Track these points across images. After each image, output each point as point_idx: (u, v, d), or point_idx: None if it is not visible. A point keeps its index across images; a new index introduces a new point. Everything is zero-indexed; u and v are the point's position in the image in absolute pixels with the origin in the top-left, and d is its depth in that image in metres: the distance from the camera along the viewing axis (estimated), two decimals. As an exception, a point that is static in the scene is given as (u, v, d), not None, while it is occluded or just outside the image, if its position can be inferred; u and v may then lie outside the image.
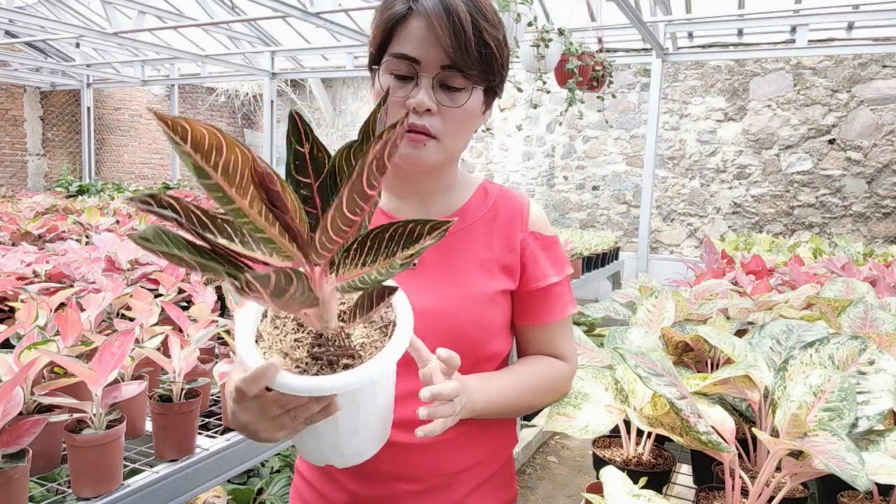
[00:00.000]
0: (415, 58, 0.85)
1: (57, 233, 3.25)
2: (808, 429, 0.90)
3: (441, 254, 0.94)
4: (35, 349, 1.19)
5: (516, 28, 3.22)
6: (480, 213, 0.99)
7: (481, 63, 0.86)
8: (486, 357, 0.95)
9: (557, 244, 1.03)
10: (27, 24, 5.98)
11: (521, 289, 0.98)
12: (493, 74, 0.89)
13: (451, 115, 0.88)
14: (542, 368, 1.00)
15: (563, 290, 1.01)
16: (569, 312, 1.02)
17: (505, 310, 0.97)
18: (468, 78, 0.86)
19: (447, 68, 0.85)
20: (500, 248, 0.97)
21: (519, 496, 3.05)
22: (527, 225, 1.00)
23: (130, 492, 1.18)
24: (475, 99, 0.89)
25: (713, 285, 2.01)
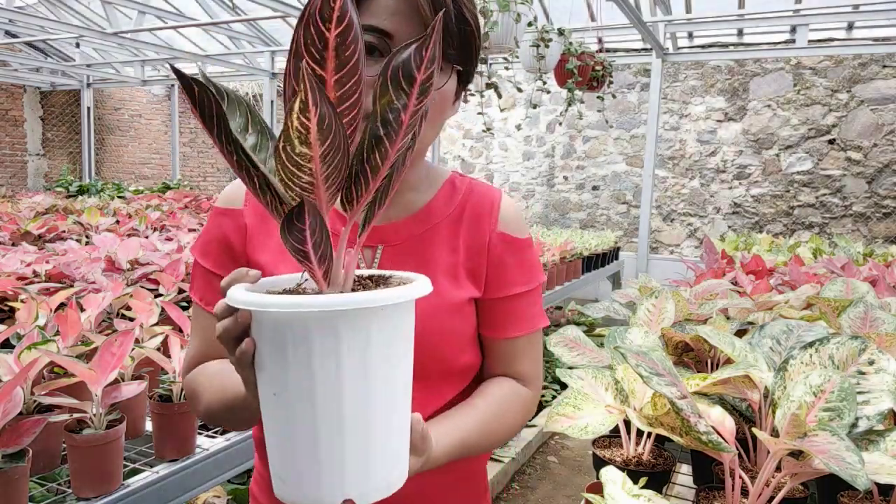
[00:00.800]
0: (387, 31, 0.73)
1: (57, 233, 3.25)
2: (808, 429, 0.90)
3: (403, 259, 0.84)
4: (35, 349, 1.19)
5: (516, 28, 3.21)
6: (446, 212, 0.88)
7: (461, 42, 0.76)
8: (457, 370, 0.86)
9: (529, 249, 0.91)
10: (27, 24, 5.99)
11: (484, 296, 0.87)
12: (470, 57, 0.79)
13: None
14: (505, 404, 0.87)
15: (530, 302, 0.90)
16: (535, 327, 0.90)
17: (472, 320, 0.87)
18: (446, 57, 0.76)
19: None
20: (466, 252, 0.87)
21: (519, 496, 3.06)
22: (495, 224, 0.88)
23: (130, 492, 1.18)
24: (451, 83, 0.79)
25: (713, 285, 2.01)
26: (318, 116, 0.44)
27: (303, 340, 0.51)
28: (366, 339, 0.52)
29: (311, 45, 0.47)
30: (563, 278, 4.07)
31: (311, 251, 0.51)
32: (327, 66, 0.48)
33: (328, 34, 0.46)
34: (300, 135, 0.45)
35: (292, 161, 0.47)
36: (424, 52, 0.48)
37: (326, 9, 0.46)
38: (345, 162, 0.50)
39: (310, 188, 0.50)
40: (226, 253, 0.85)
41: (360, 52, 0.48)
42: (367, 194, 0.54)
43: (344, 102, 0.50)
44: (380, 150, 0.51)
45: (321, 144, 0.47)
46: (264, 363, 0.55)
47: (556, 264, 3.86)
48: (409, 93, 0.49)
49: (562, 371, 1.22)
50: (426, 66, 0.49)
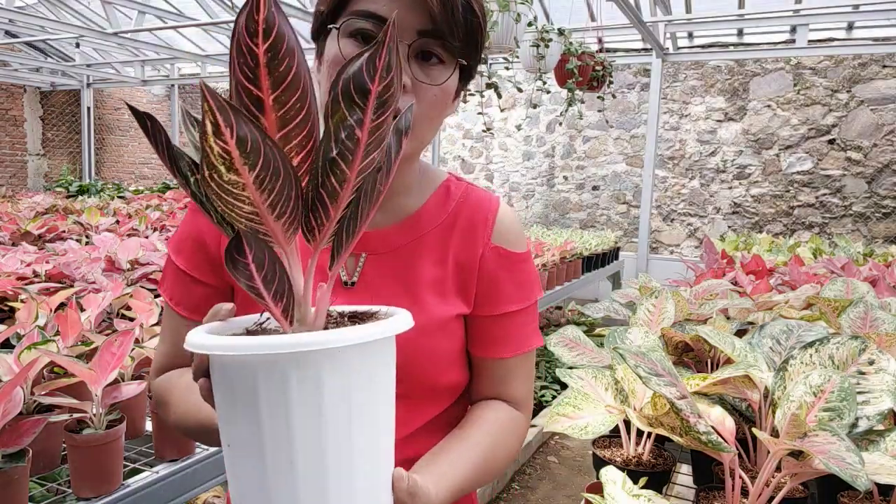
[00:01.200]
0: (386, 18, 0.67)
1: (57, 233, 3.25)
2: (808, 429, 0.90)
3: (385, 271, 0.78)
4: (35, 349, 1.19)
5: (516, 28, 3.22)
6: (437, 221, 0.82)
7: (467, 33, 0.71)
8: (441, 388, 0.80)
9: (525, 263, 0.85)
10: (27, 24, 5.98)
11: (475, 312, 0.81)
12: (474, 51, 0.74)
13: (426, 94, 0.71)
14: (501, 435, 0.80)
15: (524, 321, 0.83)
16: (529, 347, 0.84)
17: (459, 338, 0.81)
18: (450, 50, 0.71)
19: (426, 34, 0.69)
20: (455, 265, 0.80)
21: (519, 496, 3.06)
22: (489, 237, 0.82)
23: (130, 492, 1.18)
24: (454, 78, 0.74)
25: (713, 285, 2.01)
26: (236, 138, 0.40)
27: (249, 387, 0.46)
28: (317, 387, 0.46)
29: (243, 64, 0.42)
30: (563, 278, 4.07)
31: (263, 287, 0.46)
32: (262, 85, 0.43)
33: (257, 50, 0.42)
34: (223, 160, 0.41)
35: (224, 189, 0.43)
36: (378, 61, 0.44)
37: (251, 23, 0.41)
38: (293, 188, 0.45)
39: (256, 218, 0.45)
40: (199, 251, 0.81)
41: (297, 65, 0.43)
42: (328, 223, 0.49)
43: (289, 124, 0.45)
44: (335, 174, 0.46)
45: (251, 170, 0.42)
46: (218, 409, 0.51)
47: (556, 264, 3.86)
48: (363, 107, 0.44)
49: (562, 371, 1.22)
50: (381, 76, 0.44)
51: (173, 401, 0.78)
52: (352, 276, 0.78)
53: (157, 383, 0.83)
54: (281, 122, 0.45)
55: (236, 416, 0.48)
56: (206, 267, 0.81)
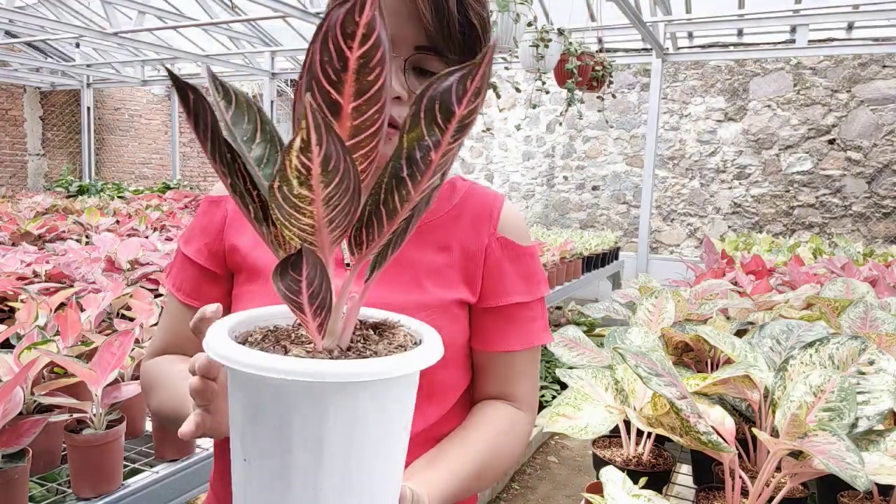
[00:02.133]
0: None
1: (57, 233, 3.25)
2: (808, 429, 0.90)
3: None
4: (35, 349, 1.19)
5: (516, 28, 3.22)
6: (442, 211, 0.83)
7: (463, 46, 0.73)
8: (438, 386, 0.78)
9: (533, 257, 0.85)
10: (27, 24, 5.99)
11: (479, 304, 0.81)
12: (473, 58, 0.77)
13: None
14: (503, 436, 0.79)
15: (531, 315, 0.83)
16: (536, 343, 0.83)
17: (463, 329, 0.81)
18: (446, 63, 0.72)
19: (423, 49, 0.71)
20: (461, 253, 0.81)
21: (519, 496, 3.06)
22: (495, 228, 0.82)
23: (130, 492, 1.18)
24: None
25: (713, 285, 2.01)
26: (322, 157, 0.38)
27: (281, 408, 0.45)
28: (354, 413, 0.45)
29: (327, 64, 0.40)
30: (563, 278, 4.07)
31: (307, 303, 0.45)
32: (345, 91, 0.41)
33: (349, 54, 0.39)
34: (300, 175, 0.39)
35: (290, 203, 0.41)
36: (470, 83, 0.40)
37: (350, 23, 0.39)
38: (355, 204, 0.43)
39: (310, 230, 0.44)
40: (205, 237, 0.84)
41: (385, 76, 0.41)
42: (379, 239, 0.47)
43: (361, 133, 0.43)
44: (400, 193, 0.44)
45: (325, 187, 0.40)
46: (233, 421, 0.49)
47: (556, 264, 3.86)
48: (444, 129, 0.42)
49: (562, 371, 1.22)
50: (469, 100, 0.41)
51: (161, 385, 0.78)
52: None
53: (148, 365, 0.84)
54: (354, 132, 0.43)
55: (259, 433, 0.46)
56: (207, 253, 0.84)
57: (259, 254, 0.81)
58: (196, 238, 0.85)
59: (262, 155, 0.47)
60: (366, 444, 0.46)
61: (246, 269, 0.81)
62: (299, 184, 0.40)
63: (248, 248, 0.81)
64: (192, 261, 0.84)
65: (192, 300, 0.83)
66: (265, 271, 0.79)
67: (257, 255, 0.80)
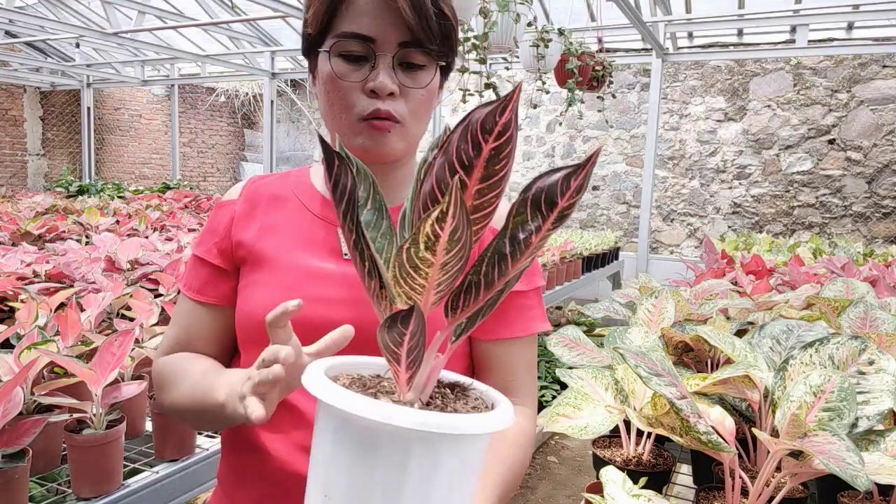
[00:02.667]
0: (370, 36, 0.76)
1: (57, 233, 3.25)
2: (808, 429, 0.90)
3: None
4: (35, 349, 1.19)
5: (516, 28, 3.21)
6: None
7: (442, 37, 0.79)
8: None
9: None
10: (27, 24, 5.98)
11: None
12: (451, 49, 0.82)
13: (413, 96, 0.80)
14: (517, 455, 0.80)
15: (529, 304, 0.86)
16: (535, 330, 0.86)
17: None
18: (429, 54, 0.79)
19: (406, 45, 0.77)
20: None
21: (519, 496, 3.06)
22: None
23: (130, 492, 1.18)
24: (436, 77, 0.82)
25: (713, 285, 2.01)
26: (452, 227, 0.45)
27: (372, 450, 0.48)
28: (435, 463, 0.48)
29: (462, 150, 0.47)
30: (563, 278, 4.07)
31: (405, 356, 0.50)
32: (473, 175, 0.48)
33: (484, 145, 0.47)
34: (428, 240, 0.46)
35: (412, 263, 0.48)
36: (573, 181, 0.46)
37: (490, 121, 0.46)
38: (461, 272, 0.50)
39: (419, 290, 0.50)
40: (213, 238, 0.89)
41: (508, 166, 0.48)
42: (474, 305, 0.52)
43: (477, 213, 0.50)
44: (500, 267, 0.49)
45: (445, 254, 0.47)
46: (318, 458, 0.52)
47: (555, 264, 3.86)
48: (546, 217, 0.48)
49: (562, 371, 1.22)
50: (571, 195, 0.47)
51: (179, 381, 0.81)
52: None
53: (163, 362, 0.87)
54: (472, 210, 0.49)
55: (344, 469, 0.50)
56: (215, 251, 0.88)
57: (263, 244, 0.85)
58: (206, 239, 0.90)
59: (371, 220, 0.54)
60: (441, 489, 0.49)
61: (251, 259, 0.85)
62: (425, 248, 0.46)
63: (252, 240, 0.85)
64: (203, 260, 0.88)
65: (202, 296, 0.88)
66: (270, 258, 0.84)
67: (262, 245, 0.85)
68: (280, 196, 0.89)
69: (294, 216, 0.87)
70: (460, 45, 3.18)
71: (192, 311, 0.88)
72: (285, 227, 0.86)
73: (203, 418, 0.76)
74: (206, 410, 0.73)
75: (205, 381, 0.75)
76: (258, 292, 0.82)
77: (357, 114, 0.79)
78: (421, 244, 0.46)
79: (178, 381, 0.81)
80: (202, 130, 10.29)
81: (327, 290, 0.80)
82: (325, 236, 0.85)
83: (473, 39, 3.16)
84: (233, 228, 0.87)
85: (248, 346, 0.84)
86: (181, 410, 0.80)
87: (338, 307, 0.79)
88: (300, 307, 0.61)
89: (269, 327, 0.62)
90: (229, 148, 10.67)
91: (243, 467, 0.84)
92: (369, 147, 0.80)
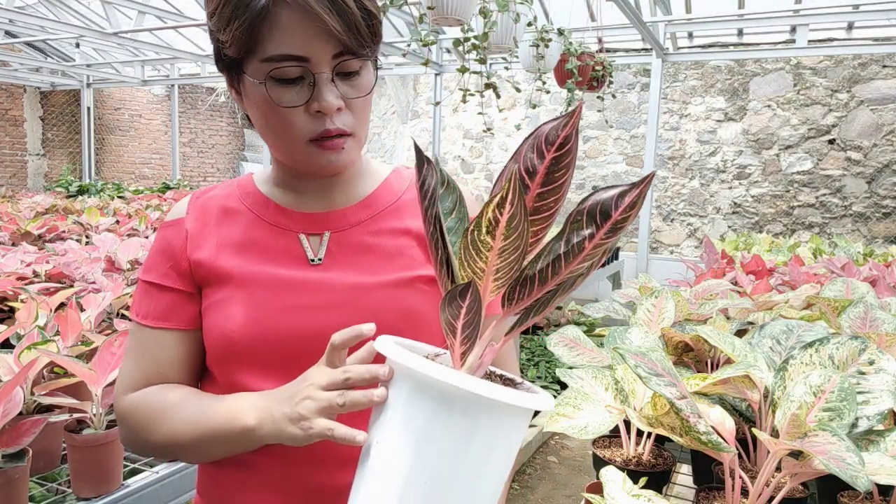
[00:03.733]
0: (303, 56, 0.72)
1: (57, 233, 3.25)
2: (808, 429, 0.90)
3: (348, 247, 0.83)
4: (35, 349, 1.19)
5: (516, 28, 3.21)
6: (393, 199, 0.87)
7: (371, 36, 0.75)
8: None
9: None
10: (27, 24, 5.98)
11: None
12: (378, 42, 0.78)
13: (358, 104, 0.78)
14: None
15: None
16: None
17: (435, 304, 0.81)
18: (363, 58, 0.76)
19: (340, 56, 0.74)
20: (417, 237, 0.85)
21: (519, 496, 3.06)
22: None
23: (130, 492, 1.18)
24: (372, 74, 0.80)
25: (713, 285, 2.01)
26: (510, 214, 0.50)
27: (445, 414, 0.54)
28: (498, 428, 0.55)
29: (528, 158, 0.54)
30: (563, 278, 4.07)
31: (460, 329, 0.56)
32: (535, 179, 0.54)
33: (546, 153, 0.53)
34: (489, 224, 0.51)
35: (474, 245, 0.53)
36: (627, 198, 0.53)
37: (553, 134, 0.53)
38: (519, 263, 0.54)
39: (480, 274, 0.55)
40: (168, 262, 0.83)
41: (568, 175, 0.54)
42: (527, 299, 0.56)
43: (537, 214, 0.56)
44: (554, 266, 0.54)
45: (503, 239, 0.52)
46: (386, 415, 0.58)
47: (556, 264, 3.85)
48: (599, 226, 0.53)
49: (562, 371, 1.22)
50: (625, 210, 0.52)
51: (169, 415, 0.77)
52: (317, 254, 0.83)
53: (136, 399, 0.81)
54: (532, 211, 0.55)
55: (398, 430, 0.56)
56: (174, 275, 0.83)
57: (224, 261, 0.81)
58: (159, 263, 0.84)
59: (454, 227, 0.60)
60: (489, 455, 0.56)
61: (213, 278, 0.81)
62: (486, 231, 0.52)
63: (211, 259, 0.81)
64: (159, 285, 0.83)
65: (167, 322, 0.82)
66: (234, 274, 0.80)
67: (223, 262, 0.81)
68: (230, 208, 0.86)
69: (249, 227, 0.84)
70: (460, 44, 3.18)
71: (157, 340, 0.82)
72: (242, 240, 0.83)
73: (213, 448, 0.74)
74: (224, 439, 0.72)
75: (213, 409, 0.74)
76: (230, 309, 0.79)
77: (305, 136, 0.76)
78: (483, 227, 0.52)
79: (169, 414, 0.77)
80: (202, 130, 10.29)
81: (300, 298, 0.79)
82: (286, 244, 0.82)
83: (473, 39, 3.16)
84: (188, 248, 0.83)
85: (222, 365, 0.80)
86: (182, 444, 0.76)
87: (312, 314, 0.78)
88: (374, 329, 0.64)
89: (332, 348, 0.65)
90: (229, 148, 10.67)
91: (231, 481, 0.82)
92: (325, 166, 0.78)
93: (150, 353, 0.82)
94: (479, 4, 3.00)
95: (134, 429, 0.80)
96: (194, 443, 0.75)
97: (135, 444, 0.82)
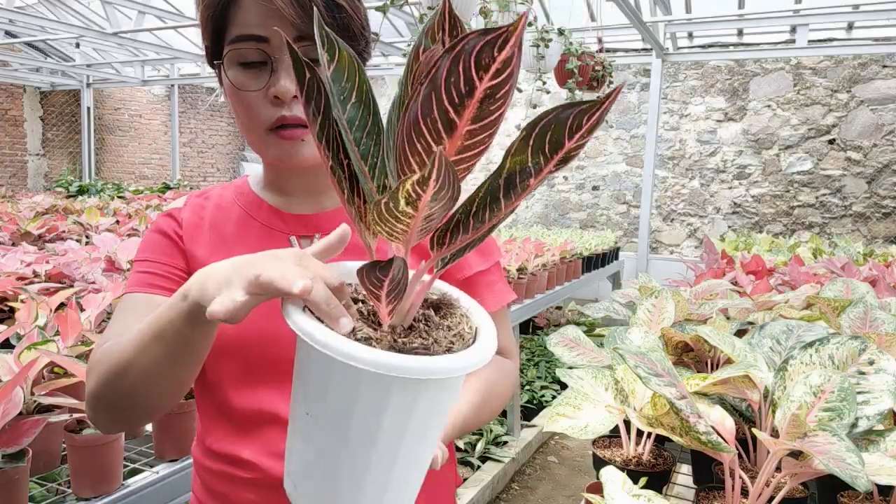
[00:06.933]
0: (261, 35, 0.71)
1: (57, 233, 3.25)
2: (808, 429, 0.90)
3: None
4: (35, 349, 1.19)
5: (516, 28, 3.21)
6: None
7: (337, 27, 0.73)
8: None
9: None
10: (27, 24, 5.99)
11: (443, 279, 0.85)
12: (354, 39, 0.76)
13: None
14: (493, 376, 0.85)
15: (493, 279, 0.89)
16: (505, 302, 0.89)
17: None
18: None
19: (301, 40, 0.72)
20: None
21: (519, 496, 3.06)
22: None
23: (130, 492, 1.18)
24: None
25: (713, 285, 2.01)
26: (435, 189, 0.41)
27: (353, 386, 0.48)
28: (414, 399, 0.49)
29: (452, 85, 0.40)
30: (563, 278, 4.07)
31: (384, 296, 0.49)
32: (464, 115, 0.42)
33: (478, 83, 0.40)
34: (409, 198, 0.42)
35: (392, 214, 0.45)
36: (586, 120, 0.41)
37: (486, 55, 0.39)
38: (448, 212, 0.46)
39: (401, 233, 0.47)
40: (164, 240, 0.83)
41: (503, 108, 0.43)
42: (460, 242, 0.49)
43: (467, 152, 0.45)
44: (492, 209, 0.46)
45: (429, 209, 0.44)
46: (303, 383, 0.53)
47: (556, 264, 3.86)
48: (549, 158, 0.43)
49: (562, 371, 1.22)
50: (582, 136, 0.42)
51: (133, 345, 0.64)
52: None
53: (105, 347, 0.70)
54: (461, 150, 0.45)
55: (327, 398, 0.50)
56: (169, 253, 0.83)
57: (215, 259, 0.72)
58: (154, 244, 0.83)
59: (355, 117, 0.48)
60: (418, 419, 0.50)
61: None
62: (406, 204, 0.43)
63: (205, 256, 0.81)
64: (154, 261, 0.82)
65: (157, 289, 0.79)
66: None
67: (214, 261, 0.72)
68: (225, 208, 0.86)
69: (242, 228, 0.84)
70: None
71: (147, 301, 0.77)
72: (235, 240, 0.83)
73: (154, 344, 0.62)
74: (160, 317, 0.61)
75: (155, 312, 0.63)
76: None
77: (264, 124, 0.75)
78: (401, 200, 0.42)
79: (134, 344, 0.64)
80: (202, 130, 10.29)
81: None
82: (276, 245, 0.82)
83: (473, 39, 3.16)
84: (184, 237, 0.83)
85: (208, 362, 0.79)
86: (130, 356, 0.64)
87: None
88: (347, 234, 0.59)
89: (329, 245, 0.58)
90: (229, 148, 10.67)
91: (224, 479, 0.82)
92: (284, 158, 0.76)
93: (137, 313, 0.75)
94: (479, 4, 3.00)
95: (99, 374, 0.68)
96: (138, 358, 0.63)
97: (99, 396, 0.69)
